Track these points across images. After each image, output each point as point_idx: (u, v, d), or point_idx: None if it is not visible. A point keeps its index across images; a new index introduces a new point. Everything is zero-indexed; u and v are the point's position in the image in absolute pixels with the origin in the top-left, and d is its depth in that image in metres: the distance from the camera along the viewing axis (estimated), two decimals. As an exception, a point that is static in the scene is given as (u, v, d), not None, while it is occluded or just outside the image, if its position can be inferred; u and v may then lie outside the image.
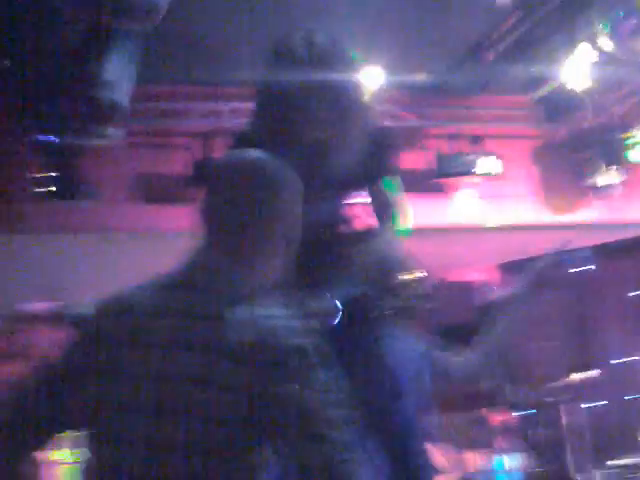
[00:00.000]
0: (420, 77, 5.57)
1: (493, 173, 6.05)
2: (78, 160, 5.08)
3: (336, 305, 2.02)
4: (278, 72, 1.99)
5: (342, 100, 2.02)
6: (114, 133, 4.49)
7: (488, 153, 6.07)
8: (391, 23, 4.85)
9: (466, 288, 8.40)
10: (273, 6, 4.53)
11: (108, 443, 1.53)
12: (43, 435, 1.65)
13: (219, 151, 5.30)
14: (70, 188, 5.08)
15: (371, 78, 5.35)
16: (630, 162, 5.98)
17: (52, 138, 4.73)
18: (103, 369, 1.56)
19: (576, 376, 5.79)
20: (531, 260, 2.37)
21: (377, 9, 4.68)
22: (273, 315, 1.55)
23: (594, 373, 6.51)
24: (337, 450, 1.44)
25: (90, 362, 1.59)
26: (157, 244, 5.68)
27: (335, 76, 1.99)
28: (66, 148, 4.97)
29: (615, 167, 5.98)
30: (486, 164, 6.01)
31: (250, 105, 2.15)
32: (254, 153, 1.74)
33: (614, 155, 6.00)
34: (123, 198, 5.57)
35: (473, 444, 6.36)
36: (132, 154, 5.56)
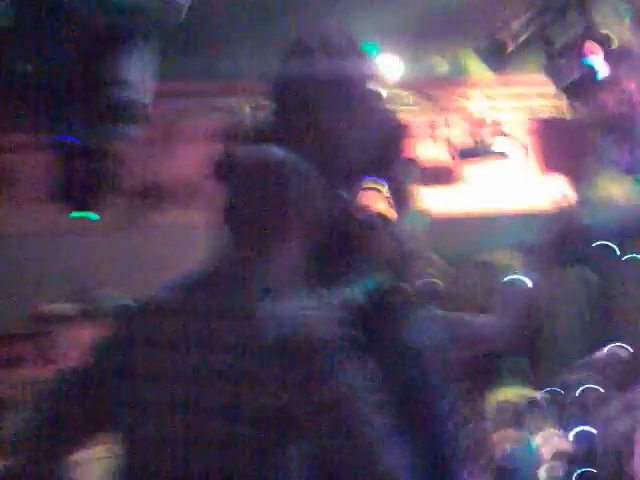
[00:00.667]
0: (438, 64, 5.55)
1: (513, 157, 6.00)
2: (98, 160, 5.11)
3: (357, 296, 2.02)
4: (295, 69, 2.01)
5: (359, 94, 2.04)
6: (134, 132, 4.50)
7: (508, 137, 6.03)
8: (408, 11, 4.83)
9: (493, 270, 8.37)
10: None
11: (139, 443, 1.54)
12: (76, 438, 1.66)
13: (238, 147, 5.29)
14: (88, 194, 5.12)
15: (389, 67, 5.34)
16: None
17: (73, 139, 4.76)
18: (132, 370, 1.57)
19: (601, 354, 5.70)
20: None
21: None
22: (305, 307, 1.56)
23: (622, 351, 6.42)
24: (369, 440, 1.44)
25: (119, 364, 1.60)
26: (179, 240, 5.71)
27: (350, 70, 2.00)
28: (86, 149, 5.00)
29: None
30: (506, 148, 5.97)
31: (268, 100, 2.16)
32: (272, 149, 1.76)
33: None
34: (140, 195, 5.58)
35: (503, 424, 6.33)
36: (150, 152, 5.58)
